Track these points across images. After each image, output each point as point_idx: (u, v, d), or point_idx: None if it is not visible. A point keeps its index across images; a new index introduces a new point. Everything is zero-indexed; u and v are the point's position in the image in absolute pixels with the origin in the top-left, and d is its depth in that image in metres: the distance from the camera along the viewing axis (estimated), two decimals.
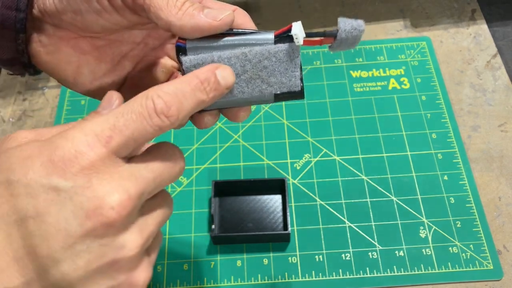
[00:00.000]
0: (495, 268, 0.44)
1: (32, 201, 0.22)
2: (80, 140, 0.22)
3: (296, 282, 0.44)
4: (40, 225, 0.21)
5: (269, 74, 0.28)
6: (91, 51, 0.31)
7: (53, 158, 0.22)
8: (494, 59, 0.57)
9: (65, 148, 0.22)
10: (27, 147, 0.23)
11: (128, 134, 0.23)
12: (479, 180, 0.49)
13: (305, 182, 0.49)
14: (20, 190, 0.22)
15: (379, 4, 0.62)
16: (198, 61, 0.27)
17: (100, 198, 0.22)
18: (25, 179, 0.22)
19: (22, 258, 0.22)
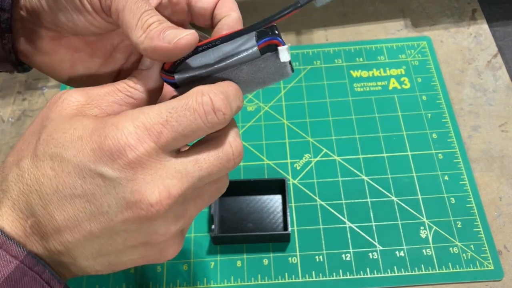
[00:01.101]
0: (496, 268, 0.44)
1: (79, 181, 0.23)
2: (130, 133, 0.23)
3: (296, 282, 0.44)
4: (85, 204, 0.23)
5: (263, 78, 0.28)
6: (84, 47, 0.31)
7: (103, 146, 0.23)
8: (495, 59, 0.57)
9: (115, 138, 0.23)
10: (79, 124, 0.24)
11: (180, 130, 0.23)
12: (480, 180, 0.49)
13: (305, 182, 0.49)
14: (70, 169, 0.23)
15: (380, 4, 0.62)
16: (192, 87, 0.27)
17: (141, 193, 0.22)
18: (75, 160, 0.23)
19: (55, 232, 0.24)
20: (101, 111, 0.25)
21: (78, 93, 0.25)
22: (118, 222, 0.23)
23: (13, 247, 0.22)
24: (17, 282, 0.22)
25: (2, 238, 0.22)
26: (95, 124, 0.23)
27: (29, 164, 0.24)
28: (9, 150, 0.53)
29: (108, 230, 0.23)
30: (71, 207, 0.23)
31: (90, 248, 0.24)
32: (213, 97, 0.24)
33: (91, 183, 0.23)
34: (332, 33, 0.60)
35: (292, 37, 0.60)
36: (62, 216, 0.23)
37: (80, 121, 0.24)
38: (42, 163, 0.23)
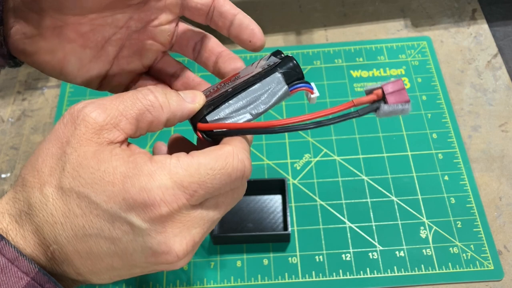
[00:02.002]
0: (496, 268, 0.44)
1: (107, 225, 0.23)
2: (167, 189, 0.23)
3: (296, 282, 0.44)
4: (110, 245, 0.23)
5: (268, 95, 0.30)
6: (76, 38, 0.31)
7: (137, 198, 0.23)
8: (495, 59, 0.57)
9: (150, 192, 0.23)
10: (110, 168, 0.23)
11: (211, 192, 0.24)
12: (480, 180, 0.49)
13: (305, 182, 0.49)
14: (99, 212, 0.23)
15: (380, 4, 0.62)
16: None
17: (169, 246, 0.23)
18: (106, 206, 0.23)
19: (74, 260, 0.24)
20: (122, 133, 0.25)
21: (96, 110, 0.24)
22: (141, 263, 0.24)
23: (24, 263, 0.22)
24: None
25: (15, 253, 0.22)
26: (126, 168, 0.23)
27: (54, 195, 0.23)
28: (9, 150, 0.53)
29: (129, 266, 0.24)
30: (95, 245, 0.23)
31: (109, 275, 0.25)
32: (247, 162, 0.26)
33: (119, 228, 0.23)
34: (332, 33, 0.60)
35: (292, 37, 0.60)
36: (85, 250, 0.23)
37: (109, 162, 0.23)
38: (68, 198, 0.23)
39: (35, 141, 0.54)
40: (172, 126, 0.29)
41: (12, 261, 0.22)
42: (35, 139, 0.54)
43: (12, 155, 0.53)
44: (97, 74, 0.33)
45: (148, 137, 0.53)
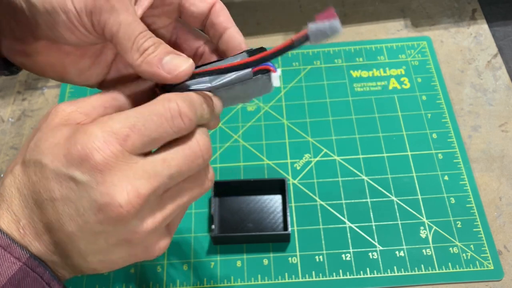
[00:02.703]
0: (496, 268, 0.44)
1: (57, 185, 0.24)
2: (97, 137, 0.24)
3: (296, 282, 0.44)
4: (64, 207, 0.24)
5: (250, 94, 0.31)
6: (74, 50, 0.31)
7: (72, 151, 0.24)
8: (495, 59, 0.57)
9: (83, 143, 0.24)
10: (58, 133, 0.25)
11: (147, 134, 0.24)
12: (480, 180, 0.49)
13: (305, 182, 0.49)
14: (48, 174, 0.24)
15: (380, 4, 0.62)
16: None
17: (110, 195, 0.23)
18: (52, 165, 0.24)
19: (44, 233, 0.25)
20: (86, 116, 0.26)
21: (68, 103, 0.26)
22: (95, 224, 0.24)
23: (16, 250, 0.23)
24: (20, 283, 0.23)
25: (7, 241, 0.23)
26: (70, 131, 0.25)
27: (19, 170, 0.25)
28: (9, 150, 0.53)
29: (87, 231, 0.24)
30: (52, 210, 0.24)
31: (77, 247, 0.25)
32: (180, 103, 0.25)
33: (66, 187, 0.24)
34: None
35: (292, 37, 0.60)
36: (46, 218, 0.24)
37: (60, 129, 0.25)
38: (28, 169, 0.25)
39: None
40: None
41: (5, 247, 0.23)
42: None
43: (12, 155, 0.53)
44: (96, 78, 0.34)
45: None
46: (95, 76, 0.33)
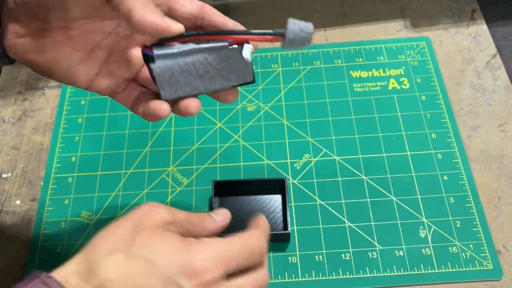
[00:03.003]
0: (495, 268, 0.44)
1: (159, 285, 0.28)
2: (211, 259, 0.29)
3: (296, 282, 0.44)
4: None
5: (227, 72, 0.34)
6: (65, 41, 0.33)
7: (188, 264, 0.29)
8: (494, 59, 0.57)
9: (199, 261, 0.29)
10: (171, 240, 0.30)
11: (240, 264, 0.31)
12: (479, 180, 0.49)
13: (305, 182, 0.49)
14: (157, 274, 0.28)
15: (379, 4, 0.62)
16: (167, 68, 0.33)
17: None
18: (164, 269, 0.29)
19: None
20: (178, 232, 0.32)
21: (167, 212, 0.32)
22: None
23: None
24: None
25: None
26: (184, 244, 0.30)
27: (122, 259, 0.29)
28: (10, 150, 0.53)
29: None
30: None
31: None
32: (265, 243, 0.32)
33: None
34: (332, 33, 0.60)
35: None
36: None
37: (170, 238, 0.30)
38: (134, 261, 0.29)
39: (35, 141, 0.54)
40: None
41: None
42: (36, 139, 0.54)
43: (13, 155, 0.53)
44: (85, 76, 0.34)
45: (148, 139, 0.53)
46: (85, 73, 0.34)
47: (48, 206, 0.49)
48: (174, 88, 0.34)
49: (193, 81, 0.34)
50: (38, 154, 0.53)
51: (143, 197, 0.49)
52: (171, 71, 0.33)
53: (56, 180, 0.51)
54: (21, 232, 0.48)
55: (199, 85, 0.34)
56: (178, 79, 0.33)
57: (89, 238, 0.47)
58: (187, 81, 0.34)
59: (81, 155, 0.52)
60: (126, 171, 0.51)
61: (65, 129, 0.54)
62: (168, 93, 0.34)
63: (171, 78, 0.33)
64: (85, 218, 0.48)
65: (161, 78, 0.33)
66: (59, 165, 0.52)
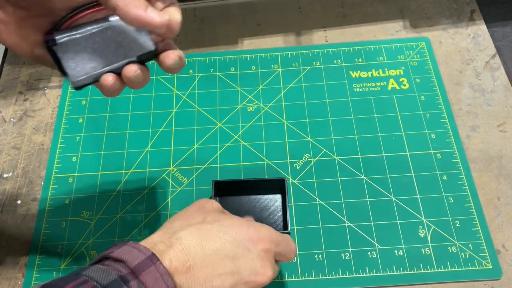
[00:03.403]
0: (494, 267, 0.44)
1: (234, 248, 0.34)
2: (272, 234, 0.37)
3: (295, 281, 0.44)
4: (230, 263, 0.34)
5: (129, 42, 0.35)
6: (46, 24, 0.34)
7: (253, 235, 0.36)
8: (493, 60, 0.57)
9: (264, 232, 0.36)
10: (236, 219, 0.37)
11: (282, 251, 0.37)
12: (478, 180, 0.49)
13: (305, 182, 0.49)
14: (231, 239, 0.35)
15: (379, 5, 0.62)
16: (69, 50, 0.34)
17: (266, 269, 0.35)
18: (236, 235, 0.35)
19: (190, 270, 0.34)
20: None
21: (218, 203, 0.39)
22: (243, 282, 0.34)
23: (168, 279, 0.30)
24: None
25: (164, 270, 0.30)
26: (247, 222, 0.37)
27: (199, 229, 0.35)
28: (11, 150, 0.54)
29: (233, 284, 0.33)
30: (220, 263, 0.33)
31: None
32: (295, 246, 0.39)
33: (241, 251, 0.34)
34: (332, 34, 0.60)
35: (291, 37, 0.60)
36: (211, 266, 0.33)
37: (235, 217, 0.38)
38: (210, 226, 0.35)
39: (36, 141, 0.54)
40: None
41: (162, 275, 0.30)
42: (37, 139, 0.54)
43: (14, 155, 0.53)
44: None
45: (148, 139, 0.53)
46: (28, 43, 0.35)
47: (49, 206, 0.49)
48: (80, 68, 0.34)
49: (98, 59, 0.35)
50: (39, 154, 0.53)
51: (143, 197, 0.49)
52: (74, 52, 0.34)
53: (57, 180, 0.51)
54: (21, 231, 0.49)
55: (104, 62, 0.35)
56: (83, 58, 0.34)
57: (90, 238, 0.47)
58: (92, 60, 0.34)
59: (82, 155, 0.52)
60: (126, 171, 0.51)
61: (65, 129, 0.54)
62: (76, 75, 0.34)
63: (76, 58, 0.34)
64: (86, 218, 0.49)
65: (65, 61, 0.34)
66: (60, 165, 0.52)
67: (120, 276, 0.29)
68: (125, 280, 0.29)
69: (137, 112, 0.55)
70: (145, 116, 0.54)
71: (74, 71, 0.34)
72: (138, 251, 0.31)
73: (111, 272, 0.29)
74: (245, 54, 0.58)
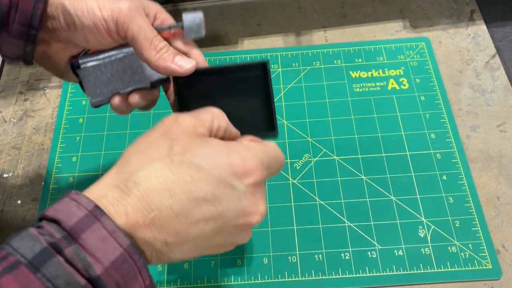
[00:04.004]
0: (494, 267, 0.44)
1: (211, 188, 0.28)
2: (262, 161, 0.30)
3: (295, 281, 0.44)
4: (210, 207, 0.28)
5: (143, 70, 0.39)
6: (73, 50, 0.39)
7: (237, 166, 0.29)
8: (493, 60, 0.57)
9: (251, 161, 0.29)
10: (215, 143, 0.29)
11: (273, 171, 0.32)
12: (478, 180, 0.49)
13: (305, 182, 0.49)
14: (206, 177, 0.28)
15: (379, 5, 0.62)
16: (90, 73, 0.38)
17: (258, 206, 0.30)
18: (214, 171, 0.28)
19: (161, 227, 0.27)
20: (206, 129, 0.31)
21: (190, 117, 0.31)
22: (230, 226, 0.29)
23: (120, 236, 0.25)
24: (119, 267, 0.25)
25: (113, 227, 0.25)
26: (227, 145, 0.30)
27: (163, 167, 0.27)
28: (11, 150, 0.54)
29: (218, 230, 0.28)
30: (196, 208, 0.27)
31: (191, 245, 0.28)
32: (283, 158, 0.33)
33: (223, 191, 0.28)
34: (332, 34, 0.60)
35: (292, 38, 0.60)
36: (184, 214, 0.27)
37: (211, 142, 0.29)
38: (178, 169, 0.27)
39: (36, 141, 0.54)
40: None
41: (111, 233, 0.25)
42: (37, 139, 0.54)
43: (14, 155, 0.53)
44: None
45: None
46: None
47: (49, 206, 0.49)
48: (99, 90, 0.39)
49: (115, 83, 0.39)
50: (39, 154, 0.53)
51: None
52: (95, 75, 0.38)
53: (57, 180, 0.51)
54: None
55: (120, 86, 0.39)
56: (102, 81, 0.38)
57: None
58: (110, 83, 0.39)
59: (82, 155, 0.52)
60: None
61: (66, 129, 0.54)
62: (94, 95, 0.39)
63: (95, 81, 0.38)
64: None
65: (86, 82, 0.38)
66: (60, 165, 0.52)
67: (51, 243, 0.24)
68: (57, 248, 0.24)
69: (137, 112, 0.55)
70: (145, 116, 0.54)
71: (93, 92, 0.39)
72: (77, 206, 0.25)
73: (40, 239, 0.24)
74: (245, 54, 0.58)
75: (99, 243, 0.24)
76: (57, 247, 0.24)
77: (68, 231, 0.24)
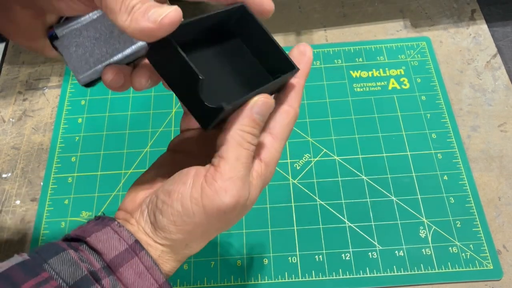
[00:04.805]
0: (495, 268, 0.44)
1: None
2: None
3: (296, 282, 0.44)
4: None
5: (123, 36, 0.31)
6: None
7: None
8: (494, 59, 0.57)
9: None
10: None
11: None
12: (479, 180, 0.49)
13: (305, 182, 0.49)
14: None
15: (379, 5, 0.62)
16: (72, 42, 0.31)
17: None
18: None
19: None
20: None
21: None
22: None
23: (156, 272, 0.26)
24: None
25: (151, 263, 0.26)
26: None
27: None
28: (10, 150, 0.53)
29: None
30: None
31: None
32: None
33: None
34: (332, 33, 0.60)
35: (292, 37, 0.60)
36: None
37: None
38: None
39: (36, 141, 0.54)
40: None
41: (148, 269, 0.26)
42: (36, 139, 0.54)
43: (13, 155, 0.53)
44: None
45: (148, 139, 0.53)
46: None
47: (48, 206, 0.49)
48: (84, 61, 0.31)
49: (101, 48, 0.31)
50: (38, 154, 0.53)
51: None
52: (76, 44, 0.31)
53: (56, 180, 0.51)
54: (21, 232, 0.48)
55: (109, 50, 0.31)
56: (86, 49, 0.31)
57: None
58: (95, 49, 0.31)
59: (81, 155, 0.52)
60: (126, 171, 0.51)
61: (65, 129, 0.54)
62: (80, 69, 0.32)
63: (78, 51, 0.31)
64: (85, 218, 0.48)
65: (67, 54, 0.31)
66: (59, 165, 0.52)
67: (91, 272, 0.24)
68: (96, 277, 0.24)
69: (137, 112, 0.55)
70: (145, 116, 0.54)
71: (77, 65, 0.31)
72: (119, 239, 0.26)
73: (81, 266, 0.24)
74: None
75: (135, 277, 0.25)
76: (97, 277, 0.24)
77: (108, 263, 0.25)
